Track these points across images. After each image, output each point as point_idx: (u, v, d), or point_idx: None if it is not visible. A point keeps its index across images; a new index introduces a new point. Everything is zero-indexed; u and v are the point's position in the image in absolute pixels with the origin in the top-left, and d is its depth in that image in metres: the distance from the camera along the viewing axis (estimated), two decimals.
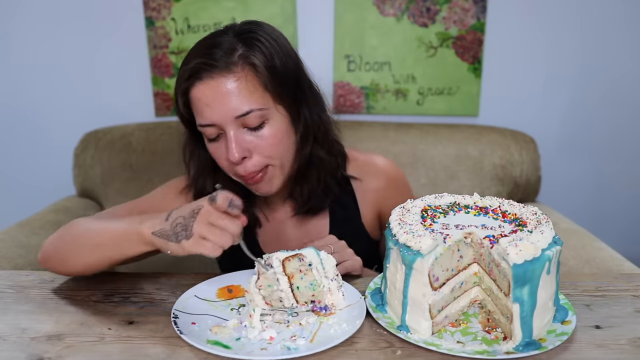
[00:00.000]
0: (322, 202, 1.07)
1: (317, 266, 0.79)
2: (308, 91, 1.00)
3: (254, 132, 0.92)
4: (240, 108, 0.89)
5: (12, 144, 1.95)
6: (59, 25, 1.83)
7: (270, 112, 0.92)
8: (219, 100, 0.89)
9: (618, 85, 1.88)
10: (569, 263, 1.32)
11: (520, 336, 0.68)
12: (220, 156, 0.95)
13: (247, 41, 0.91)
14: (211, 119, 0.90)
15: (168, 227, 0.78)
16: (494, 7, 1.80)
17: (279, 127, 0.94)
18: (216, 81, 0.89)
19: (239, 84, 0.89)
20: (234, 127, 0.90)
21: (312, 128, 0.99)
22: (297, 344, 0.70)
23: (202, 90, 0.89)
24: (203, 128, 0.92)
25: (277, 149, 0.94)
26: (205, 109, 0.90)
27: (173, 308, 0.78)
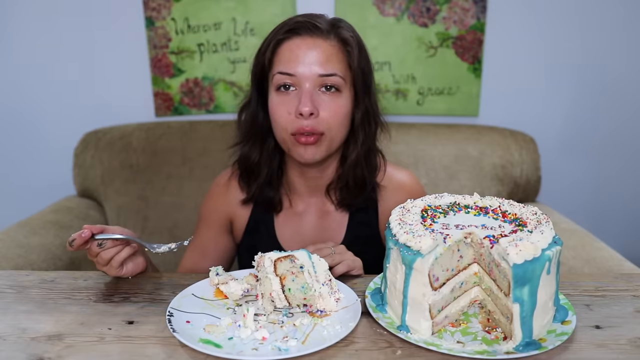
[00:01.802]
0: (366, 200, 1.12)
1: (309, 269, 0.79)
2: (373, 91, 1.10)
3: (326, 95, 1.00)
4: (328, 68, 0.99)
5: (12, 144, 1.95)
6: (59, 24, 1.83)
7: (345, 86, 1.02)
8: (311, 55, 0.98)
9: (618, 85, 1.88)
10: (569, 263, 1.32)
11: (520, 336, 0.68)
12: (284, 109, 1.01)
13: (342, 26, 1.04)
14: (295, 70, 0.98)
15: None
16: (494, 7, 1.80)
17: (346, 103, 1.03)
18: (314, 40, 0.99)
19: (332, 50, 1.00)
20: (312, 84, 0.99)
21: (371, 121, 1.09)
22: (288, 345, 0.70)
23: (298, 44, 0.99)
24: (281, 75, 0.99)
25: (337, 120, 1.02)
26: (293, 60, 0.99)
27: (168, 306, 0.78)
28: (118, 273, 0.89)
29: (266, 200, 1.13)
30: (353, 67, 1.02)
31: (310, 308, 0.79)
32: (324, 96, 1.00)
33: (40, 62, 1.87)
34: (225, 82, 1.90)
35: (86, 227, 0.86)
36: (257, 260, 0.82)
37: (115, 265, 0.88)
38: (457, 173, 1.71)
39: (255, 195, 1.13)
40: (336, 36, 1.01)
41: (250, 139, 1.10)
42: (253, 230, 1.17)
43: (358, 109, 1.06)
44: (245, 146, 1.11)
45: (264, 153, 1.10)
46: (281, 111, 1.01)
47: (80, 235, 0.84)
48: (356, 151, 1.08)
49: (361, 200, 1.12)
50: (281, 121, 1.02)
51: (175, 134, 1.77)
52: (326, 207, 1.15)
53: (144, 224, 1.73)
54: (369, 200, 1.13)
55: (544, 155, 1.80)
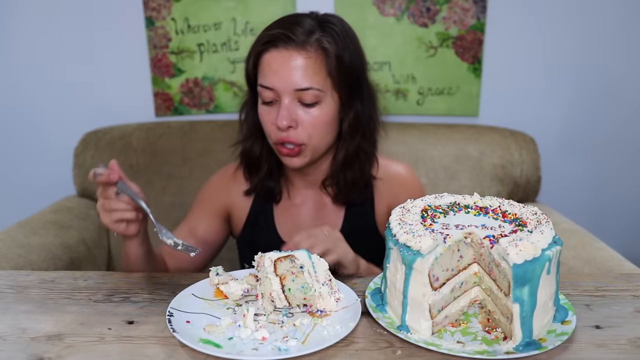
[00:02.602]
0: (361, 195, 1.14)
1: (309, 269, 0.79)
2: (365, 89, 1.10)
3: (305, 107, 1.02)
4: (302, 83, 0.99)
5: (12, 145, 1.95)
6: (59, 24, 1.83)
7: (325, 95, 1.02)
8: (286, 70, 0.99)
9: (618, 85, 1.88)
10: (569, 263, 1.32)
11: (520, 336, 0.68)
12: (268, 120, 1.04)
13: (325, 28, 1.02)
14: (273, 84, 1.00)
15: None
16: (494, 7, 1.80)
17: (328, 112, 1.04)
18: (289, 53, 0.99)
19: (308, 62, 0.99)
20: (290, 97, 1.00)
21: (362, 122, 1.09)
22: (288, 345, 0.70)
23: (275, 57, 1.00)
24: (262, 89, 1.02)
25: (318, 130, 1.04)
26: (271, 73, 1.00)
27: (168, 306, 0.78)
28: (110, 225, 0.89)
29: (267, 191, 1.17)
30: (333, 75, 1.01)
31: (310, 308, 0.79)
32: (303, 108, 1.02)
33: (40, 62, 1.87)
34: (225, 82, 1.90)
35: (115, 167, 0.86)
36: (257, 260, 0.82)
37: (115, 218, 0.88)
38: (457, 173, 1.71)
39: (257, 187, 1.17)
40: (314, 45, 1.00)
41: (251, 135, 1.14)
42: (253, 223, 1.19)
43: (346, 113, 1.07)
44: (247, 142, 1.15)
45: (265, 148, 1.13)
46: (266, 121, 1.05)
47: (109, 175, 0.84)
48: (343, 152, 1.10)
49: (357, 196, 1.14)
50: (267, 130, 1.06)
51: (175, 134, 1.77)
52: (323, 200, 1.18)
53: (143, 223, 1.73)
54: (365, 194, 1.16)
55: (543, 155, 1.80)
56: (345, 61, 1.02)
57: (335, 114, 1.06)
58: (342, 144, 1.09)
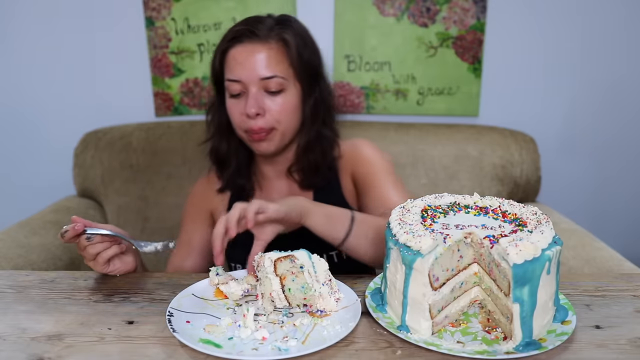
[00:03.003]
0: (325, 178, 1.20)
1: (309, 269, 0.79)
2: (322, 81, 1.18)
3: (271, 96, 1.09)
4: (266, 72, 1.07)
5: (12, 144, 1.95)
6: (59, 24, 1.83)
7: (289, 83, 1.10)
8: (251, 61, 1.07)
9: (618, 85, 1.88)
10: (569, 263, 1.32)
11: (520, 336, 0.68)
12: (237, 111, 1.11)
13: (284, 25, 1.12)
14: (240, 76, 1.08)
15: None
16: (494, 7, 1.80)
17: (292, 99, 1.12)
18: (253, 46, 1.07)
19: (270, 53, 1.08)
20: (256, 87, 1.08)
21: (321, 109, 1.17)
22: (288, 344, 0.70)
23: (240, 51, 1.08)
24: (230, 83, 1.09)
25: (285, 116, 1.11)
26: (237, 67, 1.08)
27: (168, 306, 0.78)
28: (104, 270, 0.91)
29: (238, 188, 1.23)
30: (294, 65, 1.10)
31: (310, 308, 0.79)
32: (270, 96, 1.09)
33: (41, 62, 1.87)
34: None
35: (78, 219, 0.87)
36: (257, 260, 0.82)
37: (101, 261, 0.90)
38: (457, 173, 1.71)
39: (229, 184, 1.23)
40: (275, 38, 1.09)
41: (218, 133, 1.21)
42: None
43: (307, 101, 1.15)
44: (214, 140, 1.22)
45: (231, 146, 1.20)
46: (234, 113, 1.12)
47: (73, 227, 0.86)
48: (306, 137, 1.17)
49: (321, 179, 1.20)
50: (236, 121, 1.13)
51: (175, 134, 1.77)
52: (293, 188, 1.23)
53: (144, 224, 1.73)
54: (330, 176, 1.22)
55: (544, 155, 1.80)
56: (305, 53, 1.12)
57: (299, 101, 1.13)
58: (304, 129, 1.17)
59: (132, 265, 0.96)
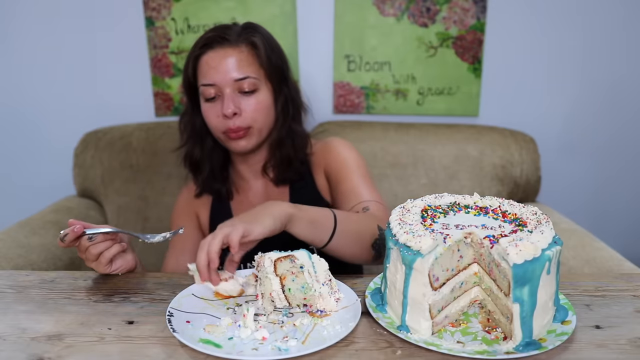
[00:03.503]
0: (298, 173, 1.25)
1: (309, 269, 0.79)
2: (290, 80, 1.24)
3: (245, 96, 1.14)
4: (239, 74, 1.13)
5: (12, 144, 1.95)
6: (59, 24, 1.83)
7: (260, 84, 1.16)
8: (224, 65, 1.12)
9: (619, 85, 1.88)
10: (569, 263, 1.32)
11: (520, 336, 0.68)
12: (214, 114, 1.15)
13: (251, 31, 1.17)
14: (214, 80, 1.13)
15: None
16: (494, 7, 1.80)
17: (265, 98, 1.17)
18: (225, 51, 1.13)
19: (242, 56, 1.14)
20: (230, 88, 1.13)
21: (290, 106, 1.23)
22: (288, 345, 0.70)
23: (212, 57, 1.13)
24: (205, 87, 1.14)
25: (260, 114, 1.16)
26: (210, 71, 1.13)
27: (168, 306, 0.78)
28: (106, 270, 0.91)
29: (214, 192, 1.28)
30: (264, 66, 1.16)
31: (310, 308, 0.79)
32: (244, 97, 1.14)
33: (41, 62, 1.87)
34: None
35: (76, 222, 0.87)
36: (257, 260, 0.82)
37: (104, 261, 0.89)
38: (457, 173, 1.71)
39: (205, 188, 1.28)
40: (244, 42, 1.15)
41: (190, 139, 1.26)
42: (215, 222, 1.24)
43: (279, 99, 1.21)
44: (188, 146, 1.27)
45: (205, 151, 1.25)
46: (211, 116, 1.16)
47: (73, 230, 0.85)
48: (277, 133, 1.22)
49: (294, 174, 1.24)
50: (212, 124, 1.17)
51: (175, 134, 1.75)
52: (269, 187, 1.28)
53: (144, 224, 1.73)
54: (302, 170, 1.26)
55: (544, 156, 1.79)
56: (272, 56, 1.18)
57: (271, 100, 1.19)
58: (276, 126, 1.22)
59: (133, 263, 0.96)
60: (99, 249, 0.89)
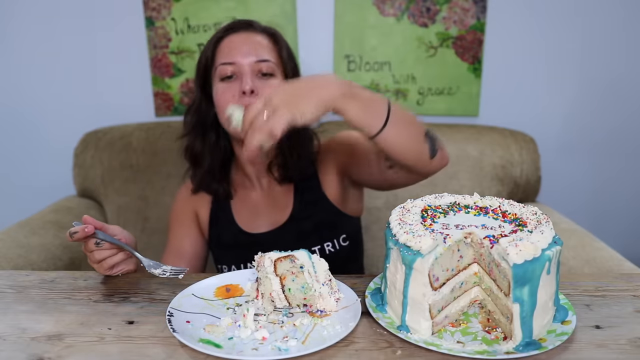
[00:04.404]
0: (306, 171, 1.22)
1: (309, 269, 0.79)
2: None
3: (263, 79, 1.13)
4: (261, 55, 1.13)
5: (12, 144, 1.95)
6: (59, 24, 1.83)
7: (278, 71, 1.15)
8: (247, 45, 1.13)
9: (618, 85, 1.88)
10: (569, 263, 1.32)
11: (520, 336, 0.68)
12: (229, 93, 1.12)
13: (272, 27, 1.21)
14: (235, 59, 1.12)
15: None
16: (494, 7, 1.80)
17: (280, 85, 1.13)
18: (248, 35, 1.15)
19: (265, 42, 1.16)
20: (250, 69, 1.12)
21: None
22: (288, 345, 0.70)
23: (235, 38, 1.15)
24: (223, 66, 1.13)
25: None
26: (233, 51, 1.13)
27: (168, 306, 0.78)
28: (107, 272, 0.92)
29: (212, 192, 1.25)
30: (283, 57, 1.17)
31: (310, 308, 0.79)
32: (261, 80, 1.13)
33: (41, 62, 1.87)
34: None
35: (88, 220, 0.88)
36: (257, 260, 0.82)
37: (106, 266, 0.91)
38: (457, 173, 1.71)
39: (202, 185, 1.25)
40: (266, 32, 1.18)
41: (193, 130, 1.23)
42: (215, 221, 1.26)
43: None
44: (189, 138, 1.24)
45: (207, 144, 1.22)
46: (226, 96, 1.12)
47: (84, 229, 0.86)
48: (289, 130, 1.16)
49: (300, 173, 1.21)
50: (226, 105, 1.10)
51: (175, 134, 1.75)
52: (273, 184, 1.25)
53: (144, 224, 1.73)
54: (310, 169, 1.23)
55: (544, 155, 1.80)
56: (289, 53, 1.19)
57: None
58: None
59: (134, 266, 0.97)
60: (103, 255, 0.90)
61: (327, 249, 1.18)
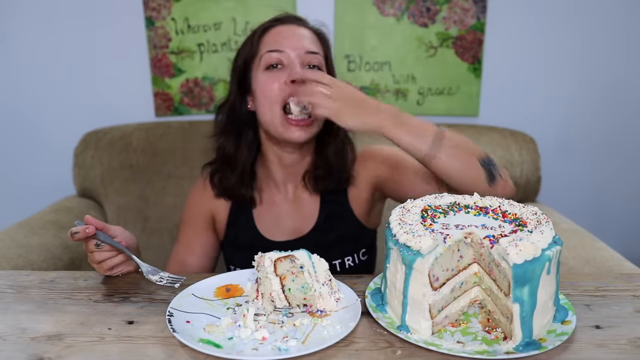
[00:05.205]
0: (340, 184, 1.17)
1: (309, 269, 0.79)
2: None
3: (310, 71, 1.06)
4: (311, 47, 1.09)
5: (12, 144, 1.95)
6: (59, 24, 1.83)
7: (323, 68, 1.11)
8: (297, 36, 1.09)
9: (618, 85, 1.88)
10: (569, 263, 1.32)
11: (520, 336, 0.68)
12: (275, 82, 1.06)
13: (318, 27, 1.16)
14: (284, 46, 1.07)
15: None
16: (494, 7, 1.80)
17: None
18: (297, 27, 1.11)
19: (314, 37, 1.12)
20: (299, 59, 1.07)
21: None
22: (288, 345, 0.70)
23: (284, 29, 1.10)
24: (270, 53, 1.07)
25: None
26: (282, 40, 1.08)
27: (168, 306, 0.78)
28: (106, 273, 0.92)
29: (239, 197, 1.19)
30: (328, 58, 1.14)
31: (310, 308, 0.79)
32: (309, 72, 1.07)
33: (41, 62, 1.87)
34: (226, 82, 1.90)
35: (90, 221, 0.88)
36: (257, 260, 0.82)
37: (106, 267, 0.91)
38: None
39: (229, 190, 1.18)
40: (314, 30, 1.14)
41: (226, 130, 1.17)
42: (233, 224, 1.21)
43: None
44: (221, 137, 1.18)
45: (241, 144, 1.16)
46: (271, 85, 1.06)
47: (85, 230, 0.87)
48: (336, 140, 1.16)
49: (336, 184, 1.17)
50: (272, 95, 1.06)
51: (175, 134, 1.77)
52: (300, 193, 1.20)
53: (144, 224, 1.73)
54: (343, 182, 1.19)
55: (543, 155, 1.80)
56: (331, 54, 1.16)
57: None
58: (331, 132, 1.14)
59: (134, 267, 0.96)
60: (103, 257, 0.90)
61: (347, 263, 1.16)
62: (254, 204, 1.20)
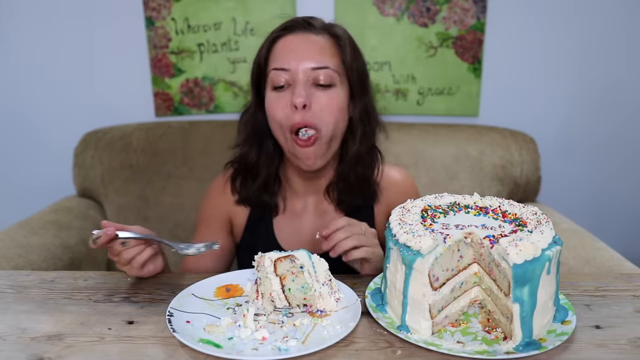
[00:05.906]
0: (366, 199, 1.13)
1: (309, 269, 0.79)
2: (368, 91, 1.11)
3: (319, 89, 1.01)
4: (320, 61, 1.01)
5: (12, 145, 1.95)
6: (58, 24, 1.83)
7: (339, 79, 1.03)
8: (304, 48, 1.01)
9: (618, 85, 1.88)
10: (569, 263, 1.32)
11: (520, 336, 0.68)
12: (280, 104, 1.02)
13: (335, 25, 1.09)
14: (288, 64, 1.00)
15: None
16: (494, 7, 1.80)
17: (340, 96, 1.04)
18: (307, 35, 1.03)
19: (325, 44, 1.03)
20: (305, 77, 1.00)
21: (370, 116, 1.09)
22: (288, 345, 0.70)
23: (292, 39, 1.03)
24: (276, 72, 1.01)
25: (330, 112, 1.02)
26: (287, 55, 1.01)
27: (168, 306, 0.78)
28: (139, 273, 0.89)
29: (262, 205, 1.15)
30: (346, 62, 1.04)
31: (310, 308, 0.79)
32: (318, 90, 1.01)
33: (41, 62, 1.87)
34: (225, 82, 1.90)
35: (109, 224, 0.84)
36: (257, 260, 0.82)
37: (137, 265, 0.87)
38: (457, 173, 1.71)
39: (251, 198, 1.14)
40: (329, 33, 1.05)
41: (248, 140, 1.12)
42: (252, 229, 1.18)
43: (355, 105, 1.07)
44: (244, 147, 1.13)
45: (262, 154, 1.12)
46: (277, 107, 1.02)
47: (106, 232, 0.82)
48: (355, 147, 1.09)
49: (363, 200, 1.13)
50: (277, 117, 1.03)
51: (175, 134, 1.77)
52: (324, 206, 1.16)
53: (144, 224, 1.72)
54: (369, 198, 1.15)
55: (543, 155, 1.80)
56: (357, 57, 1.07)
57: (346, 102, 1.06)
58: (352, 139, 1.09)
59: (162, 266, 0.93)
60: (132, 254, 0.86)
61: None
62: (276, 212, 1.16)
